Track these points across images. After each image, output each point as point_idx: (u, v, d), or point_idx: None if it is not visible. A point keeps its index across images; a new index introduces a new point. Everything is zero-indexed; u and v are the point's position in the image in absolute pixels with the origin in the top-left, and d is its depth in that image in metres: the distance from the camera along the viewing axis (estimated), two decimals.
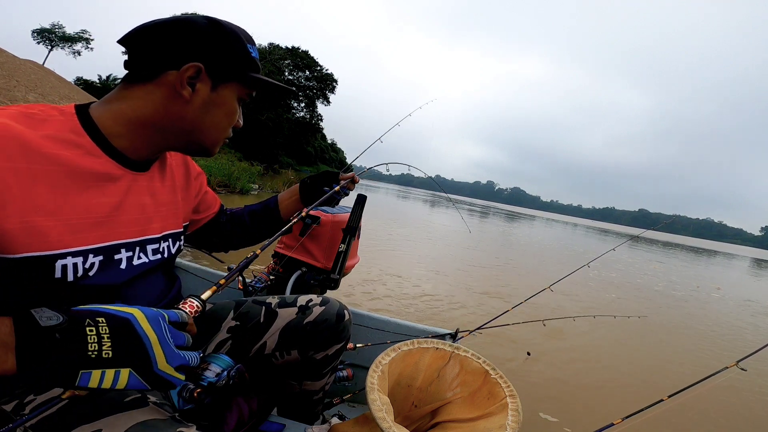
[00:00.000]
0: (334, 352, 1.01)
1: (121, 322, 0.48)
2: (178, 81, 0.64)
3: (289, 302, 0.99)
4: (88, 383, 0.45)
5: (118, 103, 0.64)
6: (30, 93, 15.48)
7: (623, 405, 2.45)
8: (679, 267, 14.00)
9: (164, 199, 0.76)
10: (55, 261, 0.55)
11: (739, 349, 4.23)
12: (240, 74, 0.70)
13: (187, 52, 0.64)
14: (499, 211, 57.22)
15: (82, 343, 0.44)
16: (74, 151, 0.58)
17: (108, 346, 0.46)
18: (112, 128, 0.63)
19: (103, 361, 0.45)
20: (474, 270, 6.36)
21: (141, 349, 0.48)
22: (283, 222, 1.09)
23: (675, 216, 42.88)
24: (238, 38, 0.69)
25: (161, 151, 0.73)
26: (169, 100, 0.65)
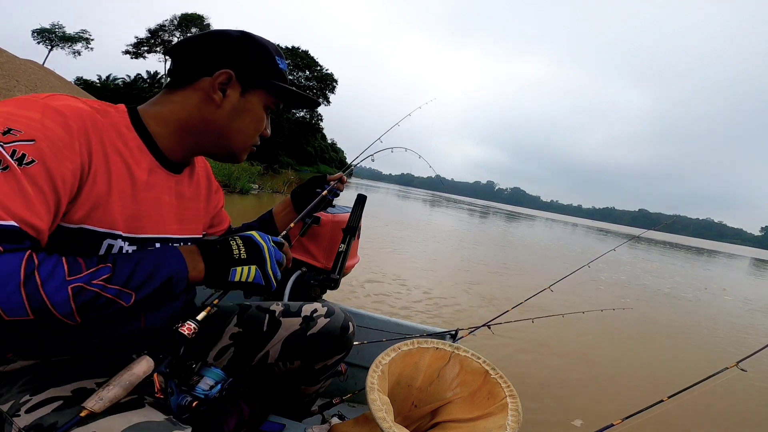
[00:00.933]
0: (334, 362, 1.01)
1: (247, 236, 0.70)
2: (210, 86, 0.70)
3: (294, 311, 0.98)
4: (234, 277, 0.66)
5: (160, 106, 0.71)
6: (30, 93, 15.49)
7: (623, 405, 2.45)
8: (681, 267, 14.00)
9: (190, 204, 0.81)
10: (103, 239, 0.61)
11: (740, 349, 4.23)
12: (267, 82, 0.74)
13: (219, 60, 0.70)
14: (499, 211, 57.22)
15: (229, 249, 0.67)
16: (127, 146, 0.65)
17: (243, 251, 0.67)
18: (155, 128, 0.70)
19: (242, 260, 0.67)
20: (474, 270, 6.36)
21: (260, 253, 0.69)
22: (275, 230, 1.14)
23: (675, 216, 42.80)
24: (266, 49, 0.75)
25: (193, 155, 0.78)
26: (203, 104, 0.71)
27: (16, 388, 0.62)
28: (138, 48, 35.67)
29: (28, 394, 0.60)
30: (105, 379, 0.64)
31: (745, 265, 23.65)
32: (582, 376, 2.87)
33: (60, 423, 0.55)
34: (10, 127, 0.50)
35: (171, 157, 0.73)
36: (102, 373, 0.66)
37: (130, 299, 0.55)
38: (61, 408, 0.57)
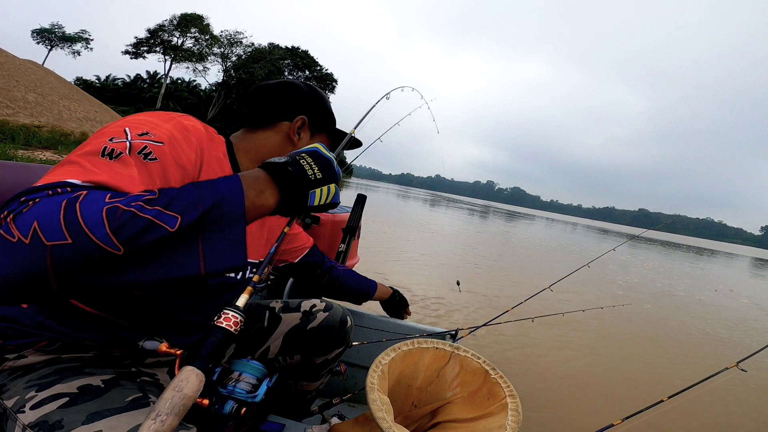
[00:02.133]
0: (333, 356, 1.02)
1: (313, 151, 0.63)
2: (290, 130, 0.84)
3: (293, 307, 1.00)
4: (314, 200, 0.60)
5: (247, 142, 0.83)
6: (30, 93, 15.47)
7: (623, 405, 2.45)
8: (680, 267, 14.00)
9: (256, 233, 0.88)
10: None
11: (740, 349, 4.23)
12: (327, 127, 0.91)
13: (296, 108, 0.85)
14: (499, 210, 57.19)
15: (303, 170, 0.59)
16: (222, 169, 0.74)
17: (317, 170, 0.60)
18: (242, 160, 0.80)
19: (318, 181, 0.60)
20: (474, 270, 6.35)
21: (332, 168, 0.63)
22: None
23: (675, 216, 42.77)
24: (326, 99, 0.92)
25: None
26: (283, 144, 0.84)
27: (23, 383, 0.62)
28: (137, 48, 35.62)
29: (34, 390, 0.60)
30: (112, 375, 0.65)
31: (745, 265, 23.64)
32: (582, 376, 2.87)
33: (66, 421, 0.55)
34: (148, 131, 0.60)
35: None
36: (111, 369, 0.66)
37: (175, 223, 0.45)
38: (67, 405, 0.57)
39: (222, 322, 0.51)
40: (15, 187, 0.78)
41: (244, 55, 37.27)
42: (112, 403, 0.59)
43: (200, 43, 36.52)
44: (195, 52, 36.16)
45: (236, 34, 37.58)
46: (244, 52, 37.49)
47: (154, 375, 0.75)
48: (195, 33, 36.11)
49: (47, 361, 0.65)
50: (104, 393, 0.61)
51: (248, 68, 34.85)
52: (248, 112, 0.86)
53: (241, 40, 37.68)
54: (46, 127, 13.78)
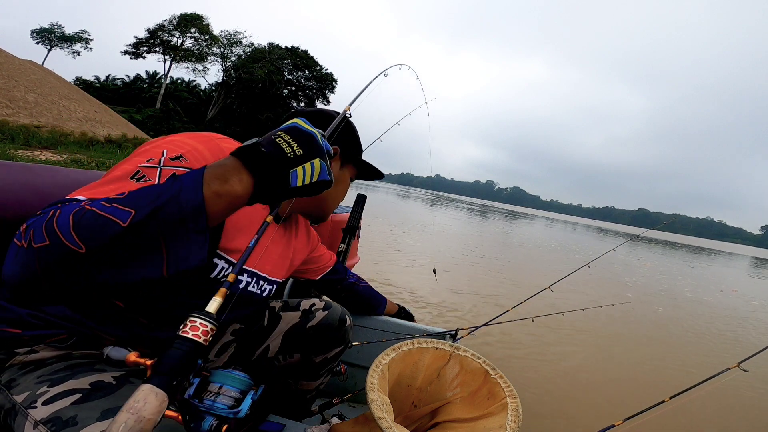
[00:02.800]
0: (333, 355, 1.02)
1: (290, 127, 0.56)
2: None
3: (293, 306, 1.00)
4: (297, 181, 0.53)
5: None
6: (29, 93, 15.46)
7: (624, 406, 2.45)
8: (680, 267, 14.00)
9: (280, 252, 0.91)
10: (214, 258, 0.71)
11: (742, 349, 4.22)
12: (355, 158, 0.94)
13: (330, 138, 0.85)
14: (499, 210, 57.20)
15: (279, 148, 0.53)
16: None
17: (296, 146, 0.54)
18: None
19: (300, 158, 0.54)
20: (474, 269, 6.36)
21: (315, 141, 0.56)
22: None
23: (675, 215, 42.76)
24: (355, 132, 0.94)
25: (292, 212, 0.92)
26: None
27: (34, 378, 0.61)
28: (137, 48, 35.59)
29: (46, 386, 0.59)
30: (122, 372, 0.65)
31: (745, 264, 23.65)
32: (583, 376, 2.87)
33: (80, 417, 0.55)
34: (182, 155, 0.63)
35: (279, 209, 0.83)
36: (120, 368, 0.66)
37: (128, 217, 0.44)
38: (80, 401, 0.57)
39: (188, 332, 0.45)
40: (15, 188, 0.78)
41: (243, 55, 37.26)
42: (124, 400, 0.59)
43: (200, 43, 36.52)
44: (195, 52, 36.15)
45: (236, 34, 37.58)
46: (243, 52, 37.48)
47: None
48: (195, 33, 36.10)
49: (58, 357, 0.66)
50: (116, 390, 0.61)
51: (248, 68, 34.84)
52: None
53: (240, 40, 37.68)
54: (45, 127, 13.78)
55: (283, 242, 0.92)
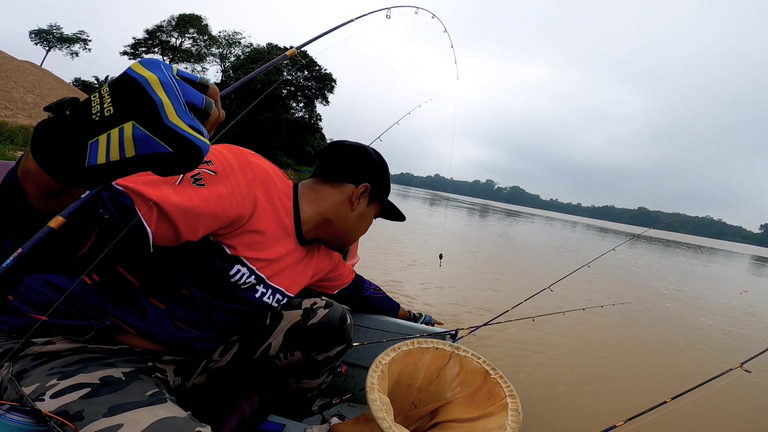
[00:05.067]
0: (335, 354, 1.02)
1: (120, 77, 0.38)
2: (354, 193, 0.91)
3: (294, 305, 1.00)
4: (97, 156, 0.36)
5: (312, 193, 0.90)
6: (28, 94, 15.46)
7: (625, 407, 2.45)
8: (680, 267, 14.01)
9: (300, 270, 0.95)
10: (236, 263, 0.75)
11: (744, 350, 4.22)
12: (383, 198, 0.98)
13: (364, 174, 0.92)
14: (499, 209, 57.23)
15: (82, 108, 0.37)
16: (283, 209, 0.82)
17: (109, 102, 0.36)
18: (304, 208, 0.88)
19: (106, 121, 0.36)
20: (474, 269, 6.36)
21: (142, 94, 0.36)
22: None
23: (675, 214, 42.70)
24: (388, 172, 0.97)
25: (316, 237, 0.93)
26: (343, 205, 0.90)
27: (45, 370, 0.61)
28: (136, 49, 35.59)
29: (56, 378, 0.59)
30: (132, 368, 0.66)
31: (745, 263, 23.66)
32: (584, 376, 2.87)
33: (86, 412, 0.55)
34: (211, 160, 0.66)
35: (304, 232, 0.88)
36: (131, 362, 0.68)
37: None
38: (88, 396, 0.57)
39: None
40: None
41: (242, 56, 37.25)
42: (133, 396, 0.59)
43: (198, 43, 36.52)
44: (193, 53, 36.15)
45: (234, 34, 37.59)
46: (242, 53, 37.48)
47: (164, 371, 0.76)
48: (193, 33, 36.10)
49: (74, 350, 0.66)
50: (125, 386, 0.61)
51: (247, 69, 34.84)
52: (321, 165, 0.94)
53: (239, 40, 37.69)
54: None
55: (304, 261, 0.95)
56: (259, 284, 0.83)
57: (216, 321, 0.80)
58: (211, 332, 0.82)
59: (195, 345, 0.80)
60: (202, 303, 0.76)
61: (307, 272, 0.97)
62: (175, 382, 0.82)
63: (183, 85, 0.38)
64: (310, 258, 0.97)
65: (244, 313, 0.85)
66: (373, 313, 1.43)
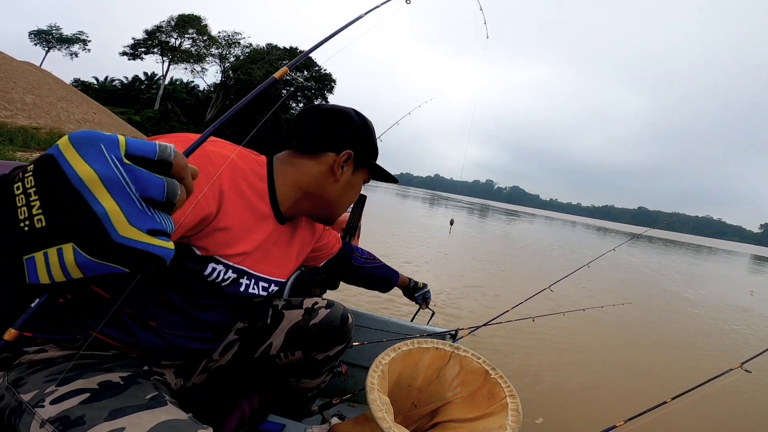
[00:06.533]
0: (335, 353, 1.02)
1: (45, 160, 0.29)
2: (335, 163, 0.81)
3: (295, 304, 1.01)
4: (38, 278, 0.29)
5: (289, 167, 0.81)
6: (27, 95, 15.43)
7: (625, 407, 2.45)
8: (689, 268, 14.00)
9: (283, 252, 0.89)
10: (209, 262, 0.70)
11: (744, 350, 4.22)
12: (370, 162, 0.88)
13: (345, 141, 0.82)
14: (498, 209, 57.20)
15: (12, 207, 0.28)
16: (254, 193, 0.75)
17: (38, 208, 0.28)
18: (280, 185, 0.80)
19: (38, 235, 0.28)
20: (474, 269, 6.35)
21: (79, 203, 0.28)
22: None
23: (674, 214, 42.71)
24: (373, 133, 0.88)
25: (299, 213, 0.87)
26: (325, 176, 0.82)
27: (42, 377, 0.61)
28: (135, 49, 35.53)
29: (54, 384, 0.59)
30: (129, 372, 0.66)
31: (745, 263, 23.66)
32: (584, 376, 2.87)
33: (87, 416, 0.55)
34: None
35: (284, 211, 0.82)
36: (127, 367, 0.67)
37: None
38: (88, 401, 0.57)
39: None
40: None
41: (242, 56, 37.25)
42: (133, 400, 0.59)
43: (198, 44, 36.50)
44: (193, 53, 36.13)
45: (234, 34, 37.57)
46: (242, 53, 37.48)
47: (162, 374, 0.76)
48: (193, 34, 36.07)
49: (66, 356, 0.66)
50: (124, 390, 0.61)
51: (246, 69, 34.82)
52: (296, 135, 0.83)
53: (239, 40, 37.67)
54: (44, 129, 13.76)
55: (287, 240, 0.89)
56: (242, 277, 0.78)
57: (206, 322, 0.78)
58: (204, 333, 0.80)
59: (192, 347, 0.79)
60: (185, 307, 0.74)
61: (291, 252, 0.92)
62: (177, 384, 0.82)
63: (136, 173, 0.30)
64: (292, 234, 0.91)
65: (234, 308, 0.83)
66: (368, 285, 1.31)
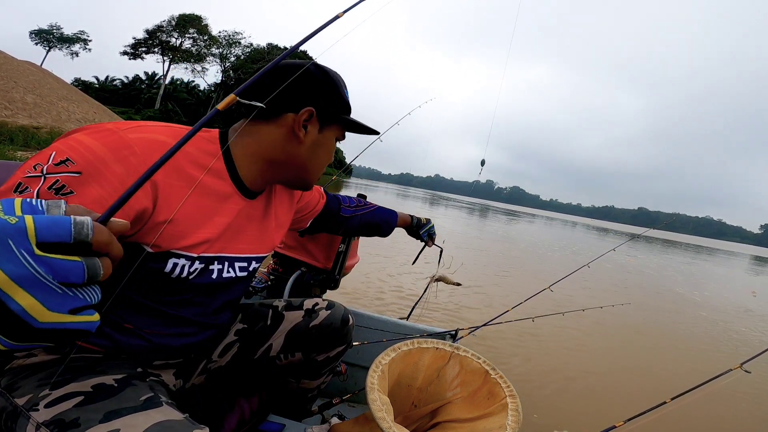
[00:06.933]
0: (335, 354, 1.02)
1: None
2: (295, 123, 0.73)
3: (296, 305, 1.00)
4: None
5: (247, 137, 0.73)
6: (28, 94, 15.45)
7: (625, 407, 2.45)
8: (690, 268, 14.00)
9: (260, 226, 0.83)
10: (168, 257, 0.65)
11: (744, 350, 4.22)
12: (340, 117, 0.78)
13: (303, 98, 0.73)
14: (498, 209, 57.20)
15: None
16: (208, 174, 0.68)
17: None
18: (240, 158, 0.73)
19: None
20: (473, 269, 6.36)
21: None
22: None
23: (675, 214, 42.68)
24: (339, 85, 0.78)
25: (269, 184, 0.82)
26: (287, 140, 0.74)
27: (35, 381, 0.61)
28: (136, 49, 35.57)
29: (47, 388, 0.59)
30: (123, 375, 0.65)
31: (745, 263, 23.66)
32: (583, 376, 2.87)
33: (82, 419, 0.55)
34: (69, 157, 0.53)
35: (249, 185, 0.76)
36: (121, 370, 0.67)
37: None
38: (83, 403, 0.57)
39: None
40: None
41: (242, 56, 37.28)
42: (128, 402, 0.59)
43: (198, 43, 36.52)
44: (193, 53, 36.16)
45: (235, 34, 37.61)
46: (242, 53, 37.51)
47: (158, 375, 0.75)
48: (193, 33, 36.09)
49: (57, 360, 0.65)
50: (119, 392, 0.61)
51: (247, 69, 34.87)
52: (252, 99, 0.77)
53: (239, 40, 37.71)
54: (44, 128, 13.77)
55: (258, 215, 0.82)
56: (212, 263, 0.72)
57: (184, 317, 0.74)
58: (187, 328, 0.76)
59: (182, 343, 0.76)
60: (157, 306, 0.69)
61: (269, 224, 0.85)
62: (176, 385, 0.82)
63: (51, 263, 0.31)
64: (267, 206, 0.85)
65: (212, 295, 0.78)
66: (366, 233, 1.23)
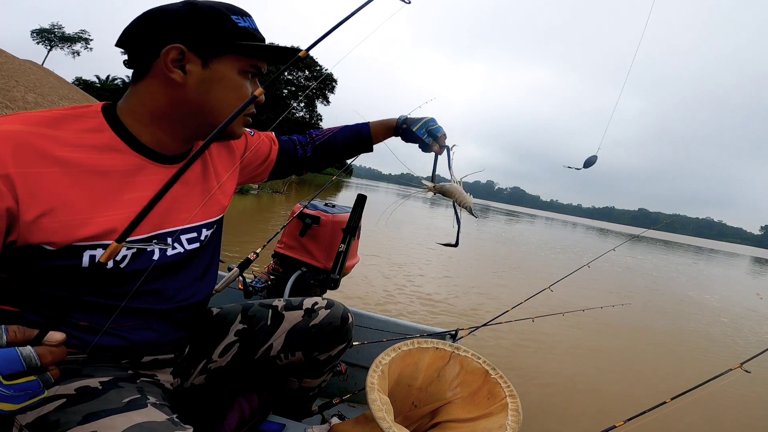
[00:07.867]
0: (336, 353, 1.02)
1: None
2: (164, 67, 0.63)
3: (295, 305, 1.00)
4: None
5: (131, 100, 0.66)
6: (29, 93, 15.46)
7: (625, 407, 2.45)
8: (691, 270, 13.99)
9: (199, 189, 0.76)
10: (82, 251, 0.58)
11: (744, 350, 4.22)
12: (230, 45, 0.66)
13: (163, 38, 0.63)
14: (499, 210, 57.12)
15: None
16: (94, 151, 0.60)
17: None
18: (133, 125, 0.65)
19: None
20: (474, 270, 6.36)
21: None
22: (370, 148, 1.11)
23: (675, 215, 42.63)
24: (218, 12, 0.66)
25: (189, 142, 0.72)
26: (166, 88, 0.65)
27: None
28: None
29: None
30: (110, 377, 0.65)
31: (746, 264, 23.63)
32: (583, 376, 2.87)
33: (62, 421, 0.55)
34: None
35: (163, 150, 0.68)
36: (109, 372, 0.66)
37: None
38: (64, 406, 0.57)
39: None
40: None
41: None
42: (110, 404, 0.59)
43: None
44: None
45: None
46: None
47: (153, 376, 0.75)
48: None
49: None
50: (102, 394, 0.61)
51: None
52: (125, 62, 0.68)
53: None
54: None
55: (194, 178, 0.75)
56: (148, 244, 0.65)
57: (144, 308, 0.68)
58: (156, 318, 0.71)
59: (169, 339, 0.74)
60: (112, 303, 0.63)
61: (211, 185, 0.78)
62: (174, 384, 0.81)
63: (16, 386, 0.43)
64: (204, 166, 0.78)
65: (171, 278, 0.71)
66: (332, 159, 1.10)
